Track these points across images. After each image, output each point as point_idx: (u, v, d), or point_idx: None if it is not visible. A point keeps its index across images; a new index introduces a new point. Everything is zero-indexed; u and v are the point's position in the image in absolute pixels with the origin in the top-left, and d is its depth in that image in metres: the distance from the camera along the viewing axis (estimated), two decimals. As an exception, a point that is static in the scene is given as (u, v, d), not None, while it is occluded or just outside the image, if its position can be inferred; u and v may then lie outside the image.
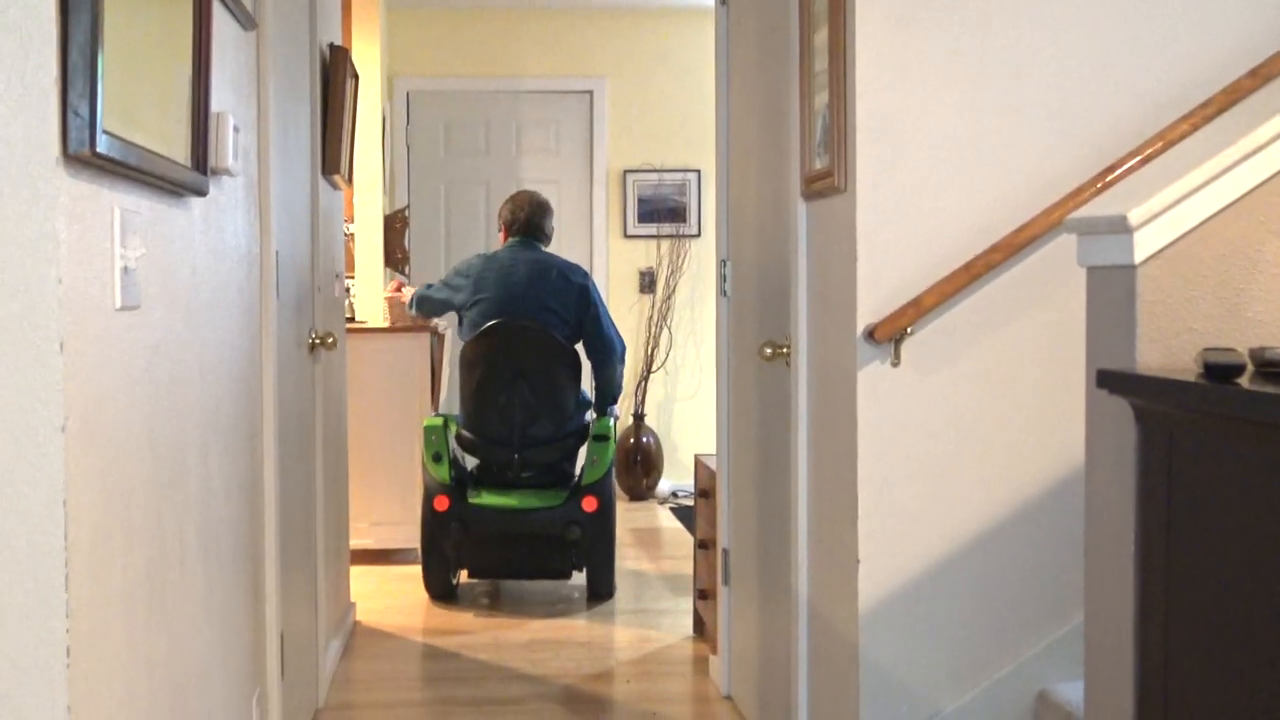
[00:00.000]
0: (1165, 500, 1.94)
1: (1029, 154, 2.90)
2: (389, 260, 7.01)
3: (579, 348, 5.50)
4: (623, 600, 5.44)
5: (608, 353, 5.54)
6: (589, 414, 5.58)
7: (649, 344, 7.93)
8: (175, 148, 2.01)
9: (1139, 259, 2.03)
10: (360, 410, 5.74)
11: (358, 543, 5.71)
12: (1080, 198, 2.81)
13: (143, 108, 1.83)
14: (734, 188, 4.05)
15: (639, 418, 7.82)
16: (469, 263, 5.57)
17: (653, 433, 7.87)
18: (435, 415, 5.58)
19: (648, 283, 8.05)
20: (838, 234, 2.99)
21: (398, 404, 5.98)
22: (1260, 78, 2.83)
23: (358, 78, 4.97)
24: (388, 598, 5.43)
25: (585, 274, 5.54)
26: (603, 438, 5.41)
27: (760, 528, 3.74)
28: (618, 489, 7.29)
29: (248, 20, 2.73)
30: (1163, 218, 2.02)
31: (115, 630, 1.74)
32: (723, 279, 4.14)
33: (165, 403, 2.04)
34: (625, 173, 8.01)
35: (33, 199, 1.46)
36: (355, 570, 5.40)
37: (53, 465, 1.48)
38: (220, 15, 2.40)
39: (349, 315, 6.12)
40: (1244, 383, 1.78)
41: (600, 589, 5.42)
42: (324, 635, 4.15)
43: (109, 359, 1.71)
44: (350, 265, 6.55)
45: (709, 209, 7.78)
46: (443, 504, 5.22)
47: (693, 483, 5.21)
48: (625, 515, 7.00)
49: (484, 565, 5.39)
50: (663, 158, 7.98)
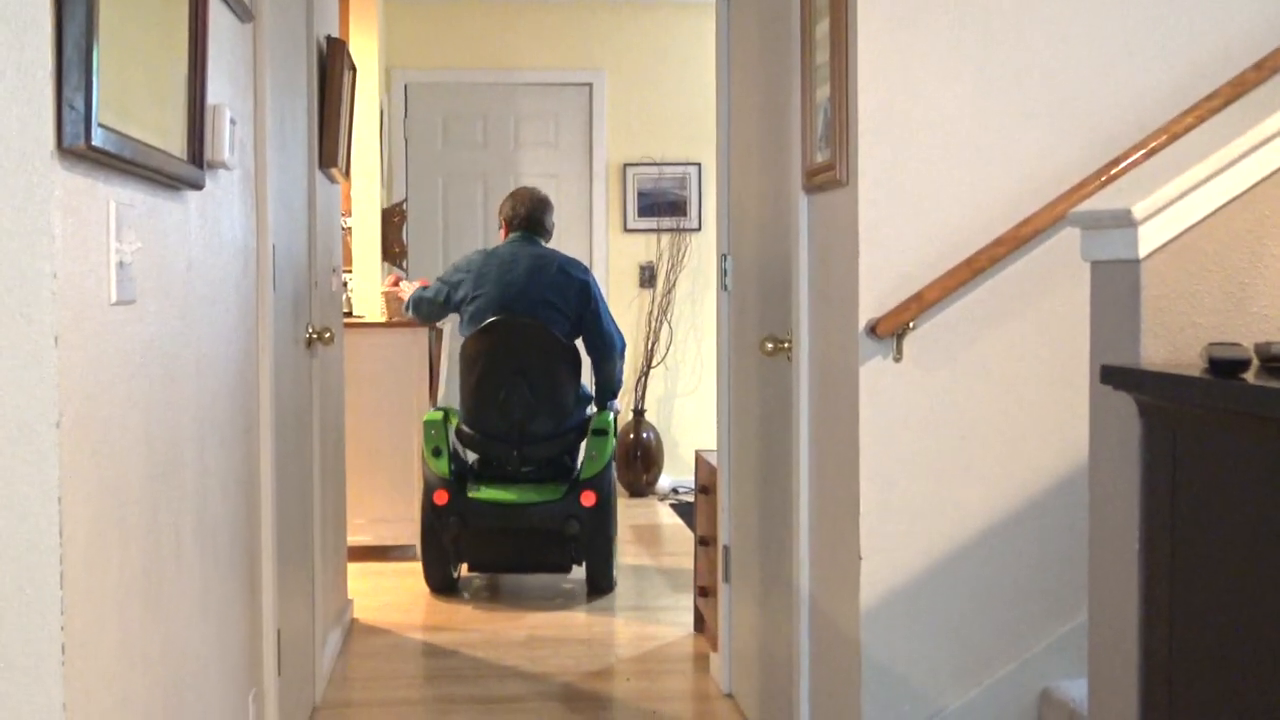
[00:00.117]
0: (1169, 496, 1.93)
1: (1033, 147, 2.88)
2: (387, 254, 6.99)
3: (579, 343, 5.49)
4: (623, 597, 5.43)
5: (607, 349, 5.54)
6: (590, 408, 5.57)
7: (649, 339, 7.90)
8: (171, 141, 2.00)
9: (1143, 253, 2.02)
10: (358, 406, 5.72)
11: (355, 539, 5.71)
12: (1084, 191, 2.80)
13: (138, 100, 1.82)
14: (735, 181, 4.03)
15: (639, 413, 7.80)
16: (469, 258, 5.56)
17: (653, 428, 7.84)
18: (435, 409, 5.57)
19: (648, 277, 8.03)
20: (839, 228, 2.97)
21: (396, 400, 5.96)
22: (1266, 70, 2.81)
23: (355, 70, 4.95)
24: (386, 594, 5.42)
25: (586, 269, 5.54)
26: (601, 432, 5.40)
27: (761, 524, 3.73)
28: (618, 485, 7.28)
29: (244, 12, 2.72)
30: (1167, 212, 2.01)
31: (111, 627, 1.73)
32: (723, 273, 4.13)
33: (161, 398, 2.02)
34: (625, 166, 7.99)
35: (27, 192, 1.45)
36: (352, 567, 5.39)
37: (47, 461, 1.48)
38: (217, 7, 2.39)
39: (346, 310, 6.10)
40: (1249, 378, 1.78)
41: (600, 583, 5.42)
42: (321, 632, 4.14)
43: (104, 354, 1.70)
44: (348, 259, 6.53)
45: (709, 203, 7.76)
46: (442, 498, 5.22)
47: (693, 479, 5.20)
48: (625, 511, 6.97)
49: (483, 559, 5.41)
50: (663, 151, 7.96)
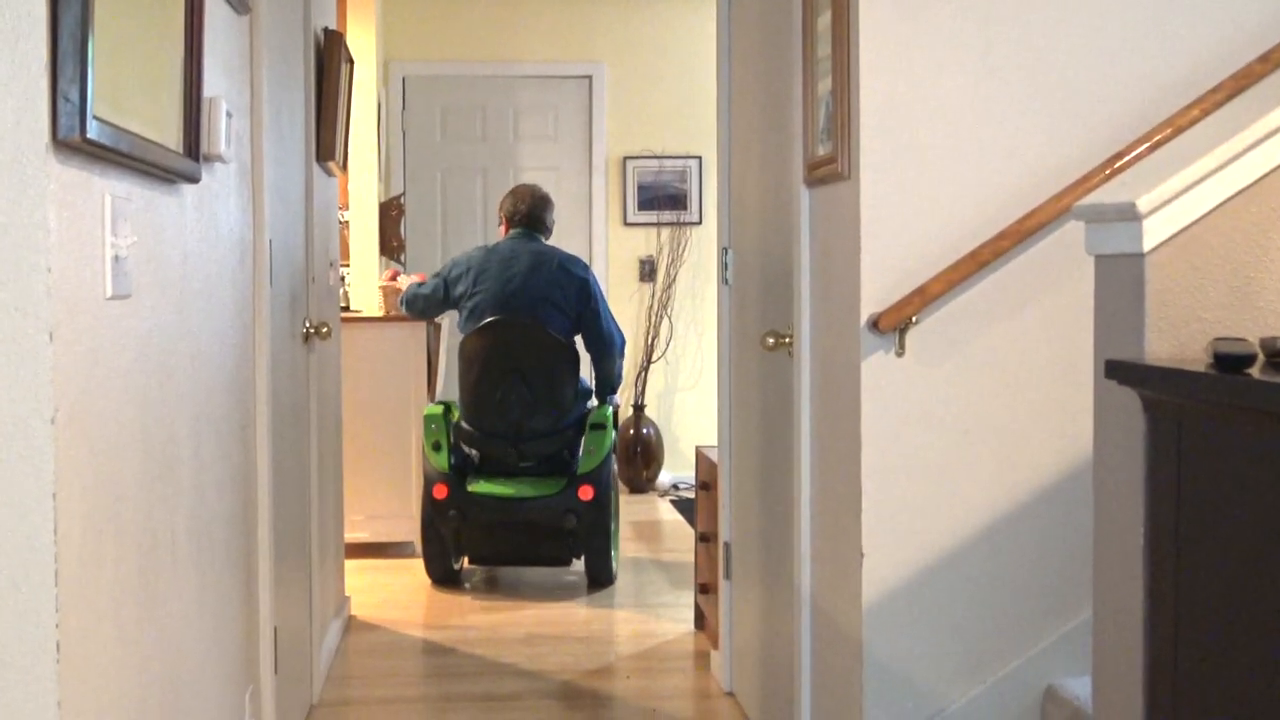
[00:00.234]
0: (1174, 492, 1.92)
1: (1036, 140, 2.86)
2: (384, 248, 6.97)
3: (578, 339, 5.48)
4: (623, 594, 5.42)
5: (607, 348, 5.53)
6: (590, 401, 5.56)
7: (649, 333, 7.89)
8: (167, 134, 1.98)
9: (1148, 247, 2.00)
10: (355, 401, 5.70)
11: (353, 536, 5.70)
12: (1089, 184, 2.78)
13: (134, 93, 1.81)
14: (735, 174, 4.02)
15: (639, 408, 7.78)
16: (468, 254, 5.54)
17: (653, 424, 7.82)
18: (435, 403, 5.56)
19: (648, 271, 8.01)
20: (841, 221, 2.95)
21: (394, 395, 5.94)
22: (1271, 63, 2.79)
23: (353, 63, 4.93)
24: (383, 591, 5.41)
25: (586, 267, 5.53)
26: (599, 426, 5.40)
27: (762, 521, 3.72)
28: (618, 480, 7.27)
29: (241, 4, 2.71)
30: (1172, 205, 2.00)
31: (106, 625, 1.72)
32: (724, 267, 4.11)
33: (157, 393, 2.01)
34: (625, 159, 7.97)
35: (22, 186, 1.44)
36: (350, 564, 5.38)
37: (42, 457, 1.46)
38: (213, -1, 2.37)
39: (344, 304, 6.09)
40: (1255, 373, 1.77)
41: (599, 576, 5.43)
42: (318, 630, 4.13)
43: (99, 349, 1.69)
44: (345, 253, 6.52)
45: (710, 196, 7.74)
46: (441, 492, 5.23)
47: (694, 475, 5.19)
48: (625, 507, 6.97)
49: (483, 552, 5.43)
50: (663, 144, 7.94)
